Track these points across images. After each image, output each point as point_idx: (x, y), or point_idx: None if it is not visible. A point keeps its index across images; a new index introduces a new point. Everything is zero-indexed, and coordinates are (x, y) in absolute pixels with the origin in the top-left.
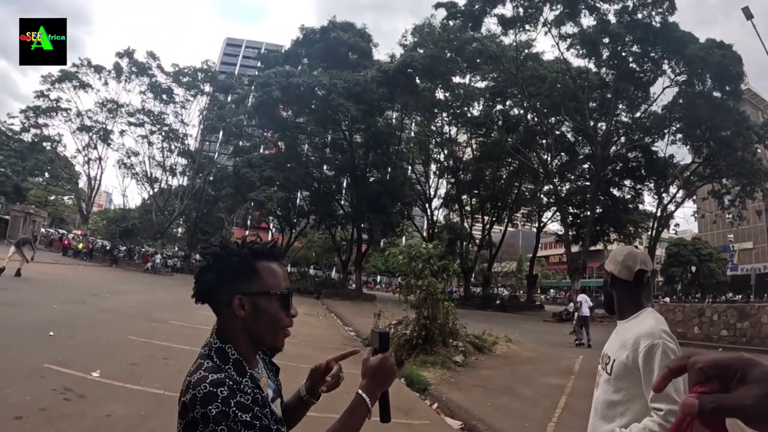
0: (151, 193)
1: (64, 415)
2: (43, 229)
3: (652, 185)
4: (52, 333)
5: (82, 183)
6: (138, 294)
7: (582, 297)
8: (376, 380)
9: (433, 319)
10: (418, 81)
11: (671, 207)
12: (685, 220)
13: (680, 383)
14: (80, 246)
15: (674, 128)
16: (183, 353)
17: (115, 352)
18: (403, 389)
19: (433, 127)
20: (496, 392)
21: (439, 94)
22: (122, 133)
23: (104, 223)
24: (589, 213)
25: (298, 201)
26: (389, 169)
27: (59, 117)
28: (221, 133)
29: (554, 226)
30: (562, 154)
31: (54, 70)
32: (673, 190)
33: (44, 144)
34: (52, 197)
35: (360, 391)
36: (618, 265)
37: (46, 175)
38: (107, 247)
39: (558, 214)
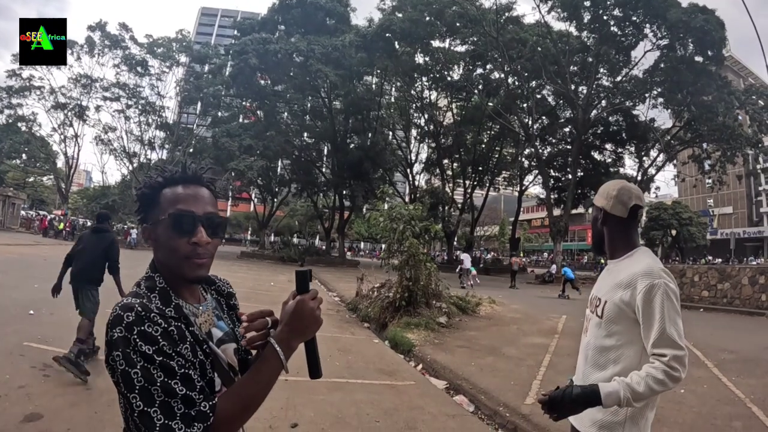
0: (130, 168)
1: (43, 391)
2: (23, 212)
3: (632, 149)
4: (32, 312)
5: (61, 163)
6: (123, 270)
7: (464, 255)
8: (292, 327)
9: (416, 280)
10: (397, 45)
11: (652, 171)
12: (665, 184)
13: (681, 325)
14: (61, 226)
15: (655, 92)
16: None
17: (98, 326)
18: (387, 351)
19: (413, 92)
20: (481, 352)
21: (419, 59)
22: (98, 108)
23: (84, 202)
24: (570, 176)
25: (279, 170)
26: (370, 135)
27: (33, 96)
28: (199, 105)
29: (536, 190)
30: (543, 117)
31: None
32: (653, 154)
33: (19, 124)
34: (31, 179)
35: (271, 340)
36: (611, 200)
37: (24, 156)
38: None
39: (540, 177)
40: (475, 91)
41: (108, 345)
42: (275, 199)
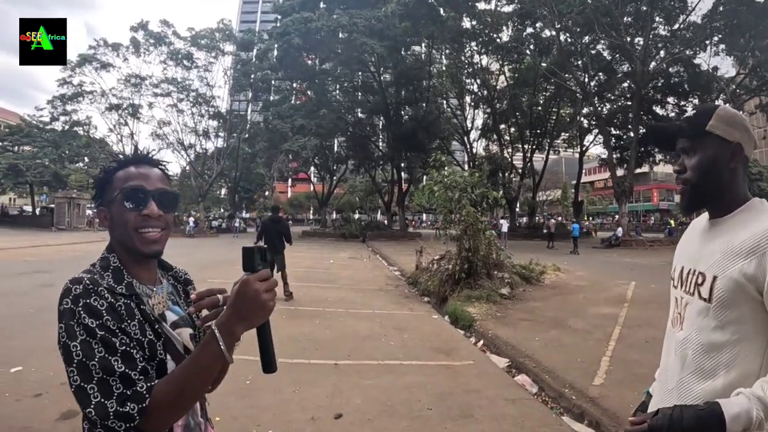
0: (187, 159)
1: None
2: (88, 211)
3: (696, 101)
4: None
5: None
6: (180, 257)
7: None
8: (234, 311)
9: (475, 251)
10: (441, 11)
11: None
12: None
13: None
14: None
15: (716, 39)
16: None
17: None
18: (446, 328)
19: (462, 58)
20: (545, 325)
21: (466, 23)
22: (150, 105)
23: None
24: (632, 134)
25: (335, 147)
26: (423, 105)
27: (86, 101)
28: (249, 91)
29: (597, 150)
30: (600, 73)
31: (72, 56)
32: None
33: (75, 129)
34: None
35: (212, 324)
36: (746, 132)
37: (86, 159)
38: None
39: (600, 137)
40: (527, 51)
41: (58, 315)
42: (333, 177)
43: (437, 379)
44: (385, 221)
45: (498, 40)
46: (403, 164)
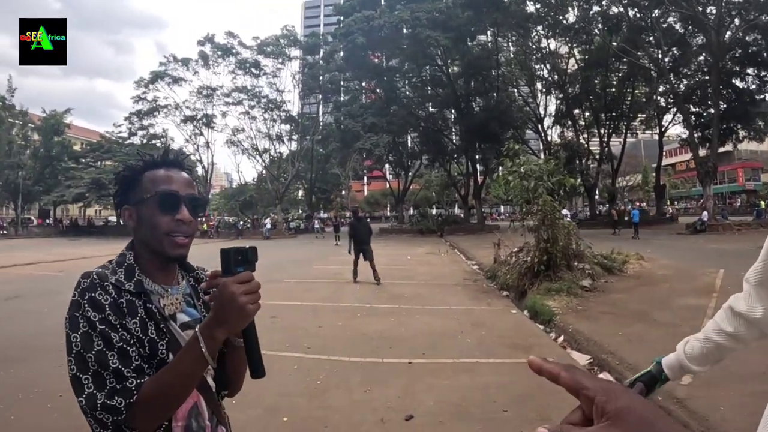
0: (263, 163)
1: None
2: None
3: None
4: None
5: (200, 170)
6: (258, 259)
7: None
8: (215, 314)
9: (554, 241)
10: None
11: None
12: None
13: None
14: (205, 227)
15: None
16: (292, 309)
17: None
18: (525, 323)
19: (530, 43)
20: (629, 319)
21: (530, 7)
22: (223, 114)
23: (224, 201)
24: (712, 110)
25: (408, 143)
26: (493, 95)
27: (161, 114)
28: (319, 93)
29: (677, 130)
30: (673, 48)
31: (144, 73)
32: None
33: (153, 142)
34: None
35: (197, 328)
36: None
37: None
38: (232, 222)
39: (679, 115)
40: (595, 31)
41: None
42: (408, 173)
43: (515, 379)
44: (463, 215)
45: (564, 21)
46: (477, 156)
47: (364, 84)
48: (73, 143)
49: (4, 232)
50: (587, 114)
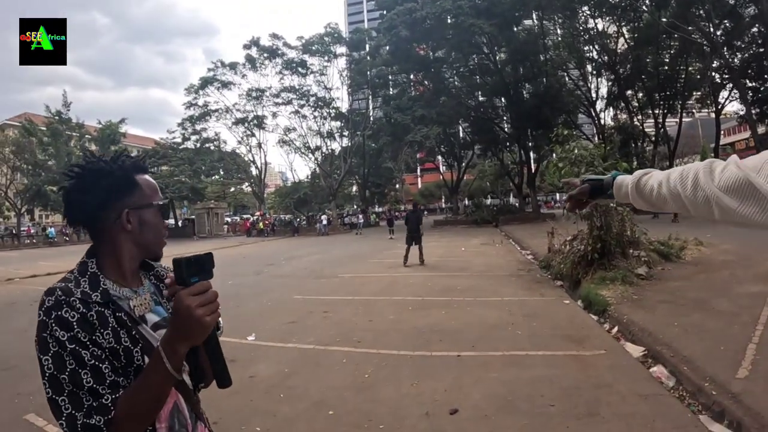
0: (315, 161)
1: None
2: (227, 218)
3: None
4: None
5: (254, 169)
6: (314, 255)
7: None
8: (174, 328)
9: (608, 228)
10: None
11: None
12: None
13: None
14: (261, 225)
15: None
16: (345, 303)
17: (277, 314)
18: (578, 313)
19: (576, 25)
20: (686, 308)
21: None
22: (274, 114)
23: (279, 200)
24: None
25: (459, 134)
26: (543, 80)
27: (212, 118)
28: (367, 88)
29: (734, 107)
30: (726, 21)
31: (194, 80)
32: None
33: (207, 146)
34: (232, 189)
35: (158, 345)
36: None
37: (221, 172)
38: (288, 220)
39: (735, 91)
40: (643, 7)
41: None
42: (461, 164)
43: (564, 372)
44: (518, 204)
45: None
46: (529, 143)
47: (411, 76)
48: (130, 151)
49: (67, 239)
50: (640, 95)
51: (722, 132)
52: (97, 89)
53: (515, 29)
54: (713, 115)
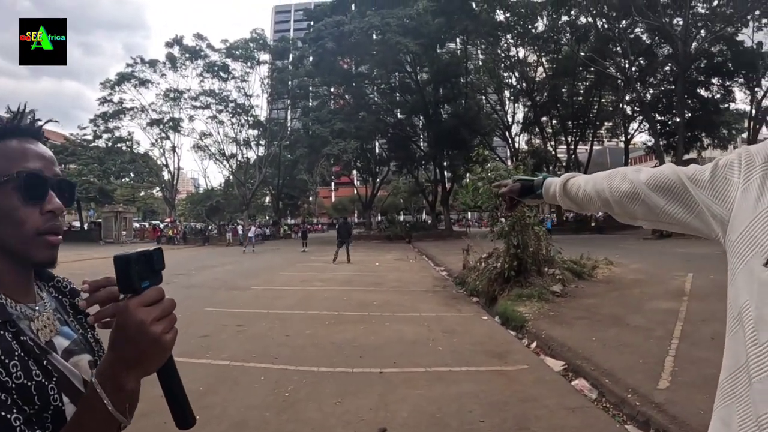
0: (230, 169)
1: None
2: (135, 224)
3: (741, 80)
4: None
5: (166, 174)
6: (226, 266)
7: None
8: (117, 354)
9: (525, 247)
10: (474, 5)
11: (766, 102)
12: None
13: None
14: (170, 232)
15: (757, 13)
16: (260, 317)
17: (188, 327)
18: (497, 329)
19: (499, 51)
20: (603, 324)
21: (499, 16)
22: (191, 118)
23: (190, 207)
24: (678, 119)
25: (376, 150)
26: (462, 102)
27: (127, 117)
28: (287, 98)
29: (642, 138)
30: (640, 58)
31: (111, 74)
32: (766, 83)
33: (119, 145)
34: (142, 193)
35: (93, 377)
36: None
37: (132, 174)
38: (199, 228)
39: (645, 123)
40: (564, 40)
41: None
42: (376, 180)
43: (490, 387)
44: (430, 221)
45: (533, 30)
46: (445, 163)
47: (332, 89)
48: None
49: None
50: (555, 122)
51: (630, 161)
52: (13, 77)
53: (439, 51)
54: (622, 144)
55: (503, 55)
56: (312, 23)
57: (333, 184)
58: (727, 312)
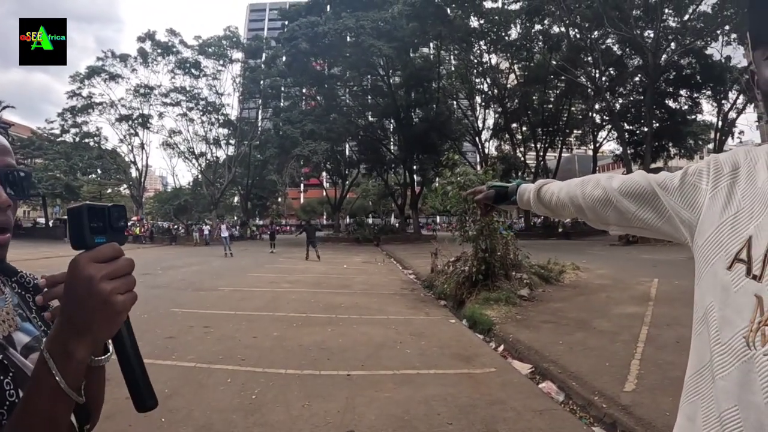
0: (199, 168)
1: None
2: None
3: (709, 92)
4: None
5: (134, 171)
6: (193, 266)
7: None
8: (66, 317)
9: (492, 251)
10: (448, 11)
11: (732, 114)
12: (749, 128)
13: None
14: (137, 231)
15: (727, 28)
16: (226, 318)
17: (153, 328)
18: (464, 332)
19: (472, 57)
20: (569, 327)
21: (473, 22)
22: (160, 115)
23: (158, 205)
24: (646, 129)
25: (346, 152)
26: (433, 106)
27: (95, 112)
28: (259, 97)
29: (611, 146)
30: (611, 68)
31: (81, 68)
32: (732, 96)
33: (86, 141)
34: (109, 190)
35: (43, 347)
36: None
37: (99, 171)
38: (166, 227)
39: (613, 132)
40: (536, 48)
41: None
42: (346, 182)
43: (458, 390)
44: (398, 225)
45: (506, 38)
46: (415, 167)
47: (304, 90)
48: None
49: None
50: (524, 128)
51: (598, 168)
52: None
53: (412, 55)
54: (591, 152)
55: (476, 61)
56: (286, 23)
57: (302, 185)
58: (694, 313)
